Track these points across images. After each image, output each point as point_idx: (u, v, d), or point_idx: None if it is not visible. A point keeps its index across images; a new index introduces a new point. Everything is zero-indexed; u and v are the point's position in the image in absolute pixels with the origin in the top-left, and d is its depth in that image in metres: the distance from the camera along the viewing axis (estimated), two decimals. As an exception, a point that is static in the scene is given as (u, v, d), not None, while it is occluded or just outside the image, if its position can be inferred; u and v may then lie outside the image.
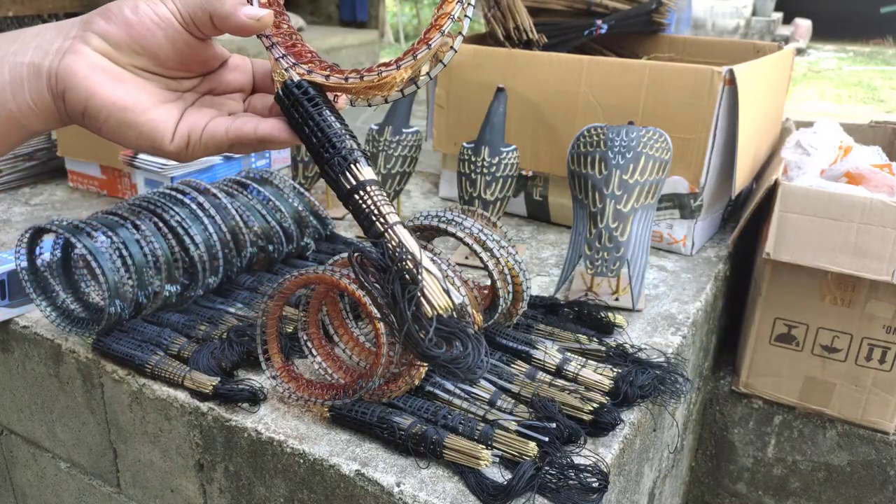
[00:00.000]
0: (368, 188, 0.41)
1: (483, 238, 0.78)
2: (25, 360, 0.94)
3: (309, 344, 0.76)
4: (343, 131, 0.43)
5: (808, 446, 1.14)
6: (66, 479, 0.99)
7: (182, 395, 0.77)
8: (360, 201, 0.41)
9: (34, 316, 0.93)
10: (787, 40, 6.43)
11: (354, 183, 0.41)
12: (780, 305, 1.06)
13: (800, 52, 6.68)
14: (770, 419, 1.15)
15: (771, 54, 1.26)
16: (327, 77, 0.43)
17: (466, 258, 1.07)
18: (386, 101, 0.44)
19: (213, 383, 0.75)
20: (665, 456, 0.97)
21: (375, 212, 0.40)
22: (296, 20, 3.19)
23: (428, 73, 0.42)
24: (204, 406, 0.75)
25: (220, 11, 0.41)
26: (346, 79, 0.43)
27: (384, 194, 0.42)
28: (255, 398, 0.74)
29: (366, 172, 0.42)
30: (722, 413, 1.20)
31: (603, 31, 1.32)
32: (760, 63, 1.15)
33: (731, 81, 1.04)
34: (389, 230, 0.40)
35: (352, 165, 0.41)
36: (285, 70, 0.44)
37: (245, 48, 2.80)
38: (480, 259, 0.78)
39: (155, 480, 0.85)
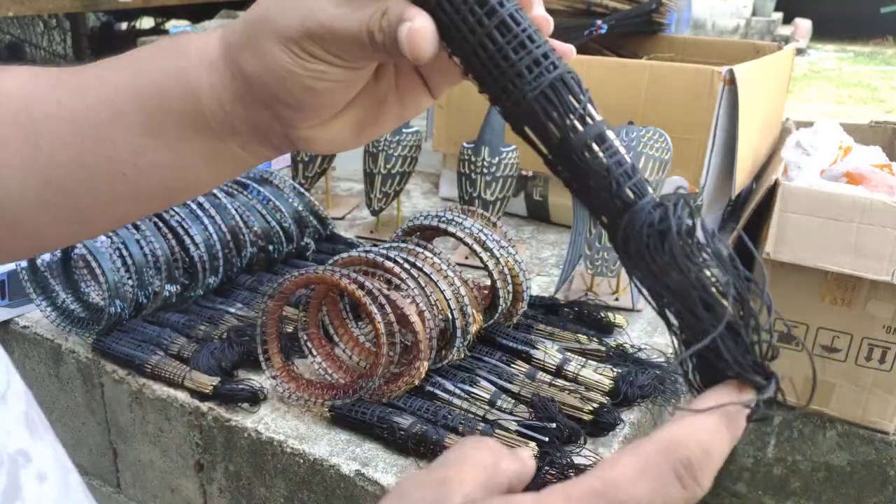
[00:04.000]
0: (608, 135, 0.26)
1: (483, 238, 0.78)
2: (25, 360, 0.94)
3: (309, 344, 0.76)
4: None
5: (808, 446, 1.14)
6: (66, 479, 0.99)
7: (182, 395, 0.77)
8: (602, 156, 0.26)
9: (34, 316, 0.93)
10: (787, 40, 6.43)
11: (586, 125, 0.26)
12: (780, 305, 1.06)
13: (800, 52, 6.67)
14: (770, 419, 1.15)
15: (771, 54, 1.26)
16: None
17: (466, 258, 1.06)
18: None
19: (213, 383, 0.75)
20: (665, 456, 0.97)
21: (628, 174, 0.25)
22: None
23: None
24: (204, 406, 0.75)
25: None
26: None
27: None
28: (255, 398, 0.74)
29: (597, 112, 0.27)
30: (722, 413, 1.19)
31: (603, 31, 1.32)
32: (760, 63, 1.15)
33: (731, 81, 1.04)
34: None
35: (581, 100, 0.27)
36: None
37: None
38: (480, 259, 0.78)
39: (155, 480, 0.85)
